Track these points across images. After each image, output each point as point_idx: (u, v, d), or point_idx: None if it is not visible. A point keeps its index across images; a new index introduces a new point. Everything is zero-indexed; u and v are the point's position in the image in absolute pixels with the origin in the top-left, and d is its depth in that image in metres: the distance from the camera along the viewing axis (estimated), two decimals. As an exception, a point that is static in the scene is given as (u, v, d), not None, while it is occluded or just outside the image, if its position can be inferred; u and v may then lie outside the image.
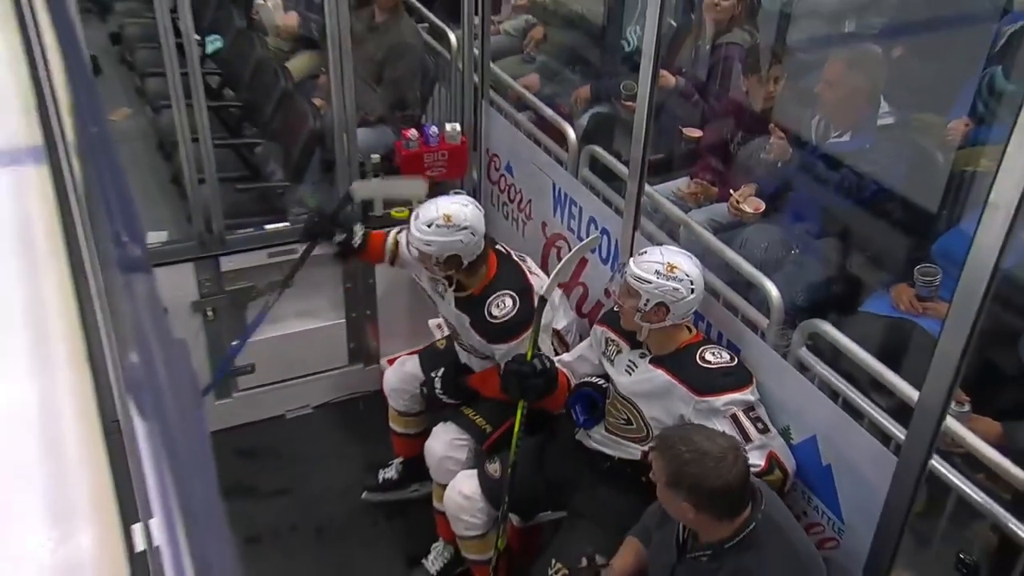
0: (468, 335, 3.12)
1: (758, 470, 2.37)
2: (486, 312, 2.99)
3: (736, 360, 2.57)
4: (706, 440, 2.11)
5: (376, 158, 3.88)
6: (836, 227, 3.16)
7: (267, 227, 3.83)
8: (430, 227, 2.91)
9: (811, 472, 2.51)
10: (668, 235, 3.19)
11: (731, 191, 3.39)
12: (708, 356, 2.56)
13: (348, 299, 4.05)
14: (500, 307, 2.98)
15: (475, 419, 3.20)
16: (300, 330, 4.00)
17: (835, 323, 2.64)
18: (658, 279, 2.53)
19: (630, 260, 2.62)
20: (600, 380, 2.87)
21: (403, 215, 3.91)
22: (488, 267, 3.05)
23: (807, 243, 3.15)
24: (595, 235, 3.25)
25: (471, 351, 3.22)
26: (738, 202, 3.29)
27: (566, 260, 2.78)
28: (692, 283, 2.54)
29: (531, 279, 3.09)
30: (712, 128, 3.74)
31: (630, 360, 2.71)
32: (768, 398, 2.58)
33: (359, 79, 3.80)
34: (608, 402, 2.81)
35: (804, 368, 2.61)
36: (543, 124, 3.89)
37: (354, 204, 3.56)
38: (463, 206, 2.96)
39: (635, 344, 2.70)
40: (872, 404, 2.48)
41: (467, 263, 2.97)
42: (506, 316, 2.96)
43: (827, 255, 3.14)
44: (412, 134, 3.83)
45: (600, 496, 2.79)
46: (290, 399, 4.13)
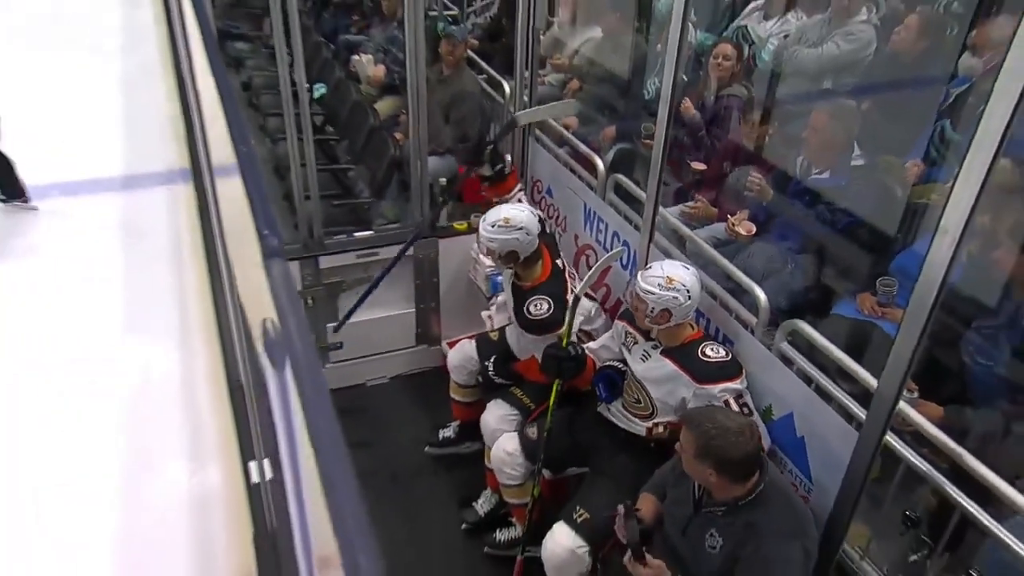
0: (511, 313, 3.14)
1: None
2: (526, 308, 3.00)
3: (730, 355, 2.56)
4: (727, 419, 2.12)
5: (443, 181, 3.91)
6: (813, 246, 3.14)
7: (356, 234, 3.88)
8: (493, 227, 2.95)
9: (788, 442, 2.50)
10: (677, 247, 3.18)
11: (728, 215, 3.37)
12: (708, 351, 2.56)
13: (417, 293, 4.08)
14: (537, 307, 2.99)
15: (522, 398, 3.22)
16: (379, 317, 4.04)
17: (811, 323, 2.63)
18: (660, 291, 2.53)
19: (638, 275, 2.63)
20: (619, 364, 2.88)
21: (463, 227, 3.97)
22: (542, 270, 3.05)
23: (791, 259, 3.13)
24: (620, 248, 3.26)
25: (520, 334, 3.23)
26: (734, 224, 3.28)
27: (596, 267, 2.80)
28: (688, 292, 2.54)
29: (569, 295, 3.05)
30: (713, 162, 3.73)
31: (644, 350, 2.71)
32: (755, 382, 2.58)
33: (431, 119, 3.85)
34: (624, 383, 2.82)
35: (785, 359, 2.60)
36: (578, 156, 3.90)
37: (513, 128, 3.58)
38: (520, 211, 2.99)
39: (648, 337, 2.71)
40: (839, 389, 2.46)
41: (523, 258, 3.00)
42: (540, 316, 2.98)
43: (806, 268, 3.12)
44: (472, 163, 3.86)
45: (616, 457, 2.80)
46: (370, 371, 4.17)
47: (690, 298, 2.54)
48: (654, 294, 2.54)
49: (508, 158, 3.36)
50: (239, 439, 1.53)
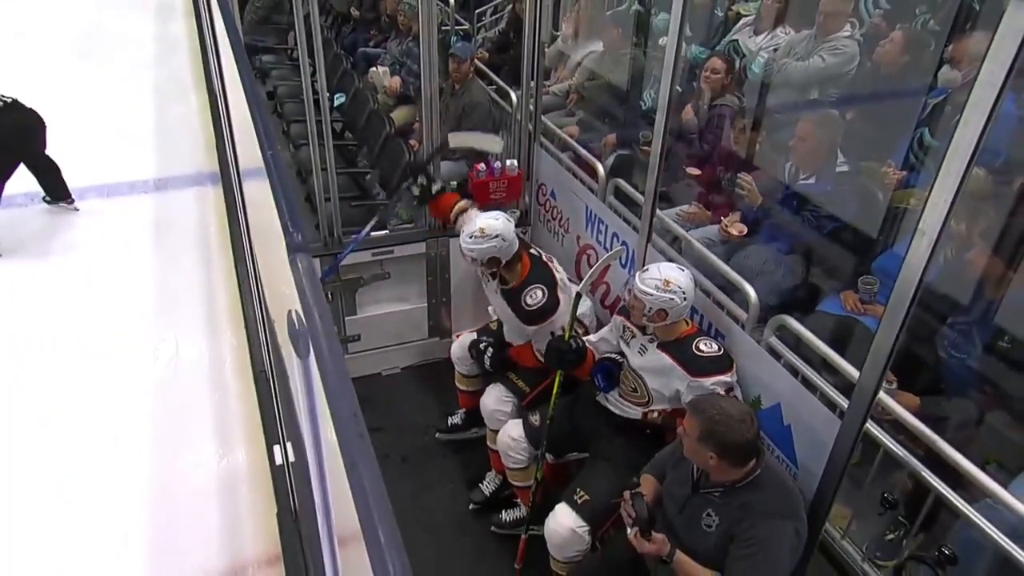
0: (508, 317, 3.14)
1: None
2: (522, 301, 3.00)
3: (723, 350, 2.55)
4: (730, 406, 2.12)
5: (454, 184, 3.91)
6: (801, 247, 3.12)
7: (372, 234, 3.88)
8: (471, 238, 2.95)
9: (775, 430, 2.49)
10: (673, 247, 3.17)
11: (722, 217, 3.36)
12: (702, 346, 2.55)
13: (429, 289, 4.08)
14: (533, 297, 2.99)
15: (517, 382, 3.23)
16: (393, 311, 4.04)
17: (798, 319, 2.62)
18: (657, 292, 2.53)
19: (636, 276, 2.61)
20: (617, 356, 2.88)
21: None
22: (523, 266, 3.05)
23: (780, 259, 3.11)
24: (619, 248, 3.25)
25: (515, 331, 3.24)
26: (727, 226, 3.27)
27: (597, 266, 2.79)
28: (684, 293, 2.53)
29: (556, 274, 3.08)
30: (707, 167, 3.71)
31: (642, 344, 2.71)
32: (745, 374, 2.58)
33: (444, 126, 3.85)
34: (621, 373, 2.82)
35: (773, 352, 2.59)
36: (580, 161, 3.89)
37: (445, 149, 3.58)
38: (494, 220, 2.98)
39: (645, 331, 2.71)
40: (824, 380, 2.46)
41: (505, 262, 3.00)
42: (537, 304, 2.98)
43: (793, 268, 3.10)
44: (481, 167, 3.85)
45: (615, 443, 2.80)
46: (384, 361, 4.17)
47: (685, 299, 2.54)
48: (651, 295, 2.53)
49: (438, 182, 3.40)
50: (264, 424, 1.54)
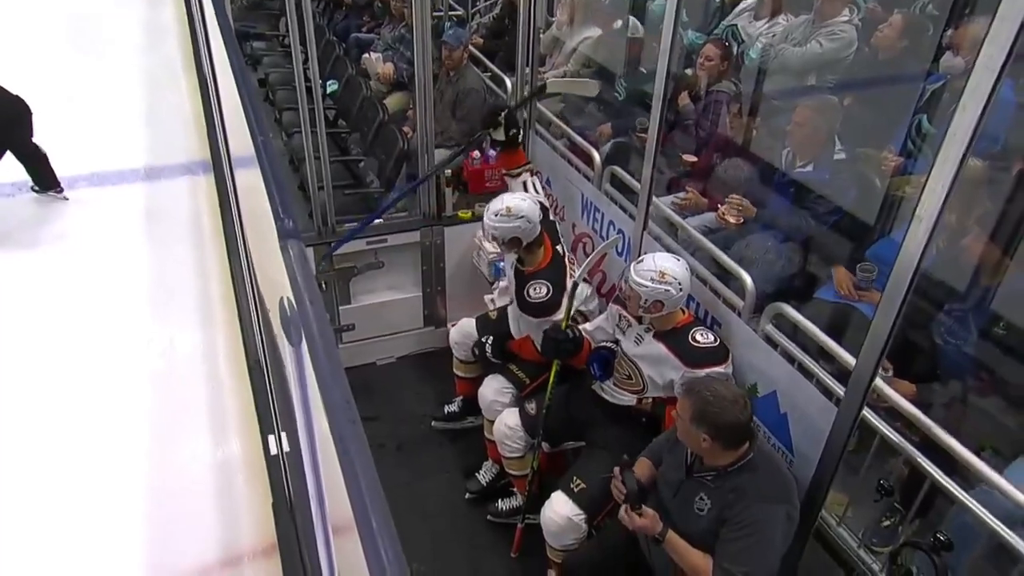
0: (513, 295, 3.14)
1: None
2: (526, 291, 3.01)
3: (719, 341, 2.55)
4: (723, 388, 2.12)
5: (448, 172, 3.90)
6: (798, 235, 3.12)
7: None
8: (496, 216, 2.94)
9: (771, 417, 2.50)
10: (669, 235, 3.17)
11: (719, 204, 3.36)
12: (698, 336, 2.55)
13: (424, 278, 4.08)
14: (537, 291, 2.99)
15: (517, 373, 3.23)
16: (388, 300, 4.05)
17: (794, 307, 2.62)
18: (652, 284, 2.52)
19: (631, 267, 2.60)
20: (612, 344, 2.89)
21: (467, 216, 3.96)
22: (543, 256, 3.05)
23: (780, 248, 3.11)
24: (615, 237, 3.24)
25: (511, 312, 3.23)
26: (723, 214, 3.26)
27: (593, 255, 2.79)
28: (680, 284, 2.53)
29: (568, 280, 3.06)
30: (704, 154, 3.71)
31: (638, 333, 2.71)
32: (741, 362, 2.58)
33: (438, 114, 3.83)
34: (616, 361, 2.83)
35: (770, 340, 2.60)
36: (575, 149, 3.88)
37: (543, 93, 3.55)
38: (522, 200, 2.98)
39: (641, 321, 2.71)
40: (820, 368, 2.46)
41: (525, 244, 3.00)
42: (539, 299, 2.98)
43: (790, 256, 3.10)
44: (476, 155, 3.85)
45: (610, 431, 2.81)
46: (380, 351, 4.17)
47: (681, 290, 2.54)
48: (647, 287, 2.53)
49: (522, 132, 3.31)
50: (258, 414, 1.53)
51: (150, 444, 1.46)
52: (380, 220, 3.91)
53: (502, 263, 3.48)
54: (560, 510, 2.67)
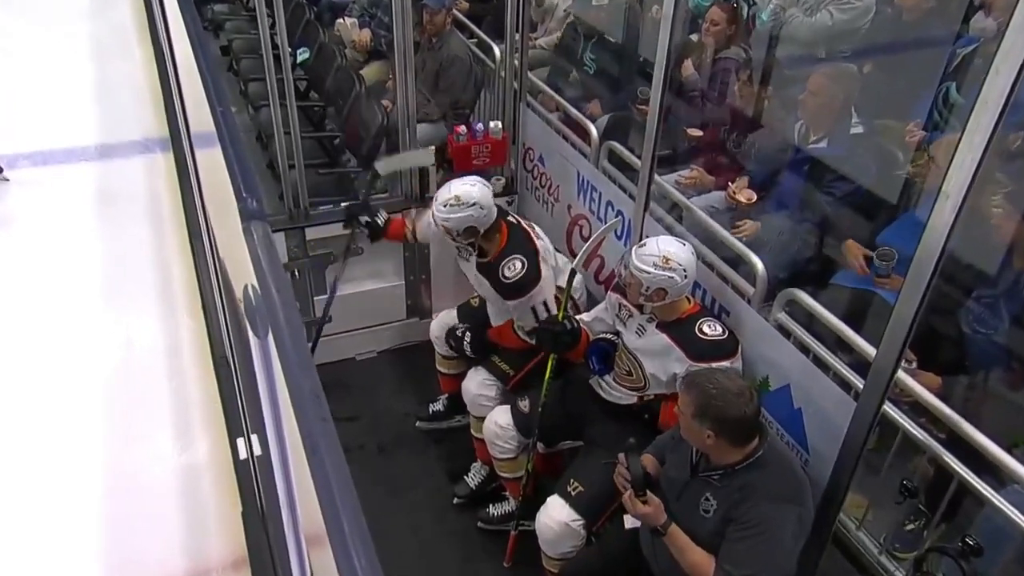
0: (489, 293, 3.14)
1: None
2: (500, 273, 2.99)
3: (727, 333, 2.55)
4: (727, 380, 2.13)
5: (432, 149, 3.88)
6: (813, 215, 3.12)
7: (343, 204, 3.84)
8: (445, 207, 2.93)
9: (784, 413, 2.51)
10: (673, 217, 3.17)
11: (729, 183, 3.35)
12: (705, 328, 2.55)
13: (407, 264, 4.06)
14: (512, 269, 2.97)
15: (500, 364, 3.23)
16: (368, 289, 4.02)
17: (809, 293, 2.63)
18: (655, 270, 2.51)
19: (632, 252, 2.59)
20: (612, 336, 2.88)
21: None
22: (501, 235, 3.04)
23: (796, 230, 3.10)
24: (615, 220, 3.24)
25: (499, 309, 3.23)
26: (734, 192, 3.26)
27: (591, 241, 2.79)
28: (685, 270, 2.52)
29: (537, 243, 3.06)
30: (710, 128, 3.70)
31: (640, 324, 2.70)
32: (752, 353, 2.58)
33: (420, 86, 3.80)
34: (616, 354, 2.83)
35: (783, 329, 2.60)
36: (570, 123, 3.87)
37: (380, 179, 3.57)
38: (471, 186, 2.96)
39: (643, 310, 2.70)
40: (837, 359, 2.47)
41: (483, 231, 2.98)
42: (516, 276, 2.96)
43: (806, 238, 3.11)
44: (462, 130, 3.82)
45: (611, 428, 2.80)
46: (359, 345, 4.15)
47: (686, 276, 2.53)
48: (649, 273, 2.52)
49: (382, 212, 3.46)
50: (226, 414, 1.52)
51: (105, 448, 1.44)
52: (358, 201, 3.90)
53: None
54: (556, 515, 2.68)
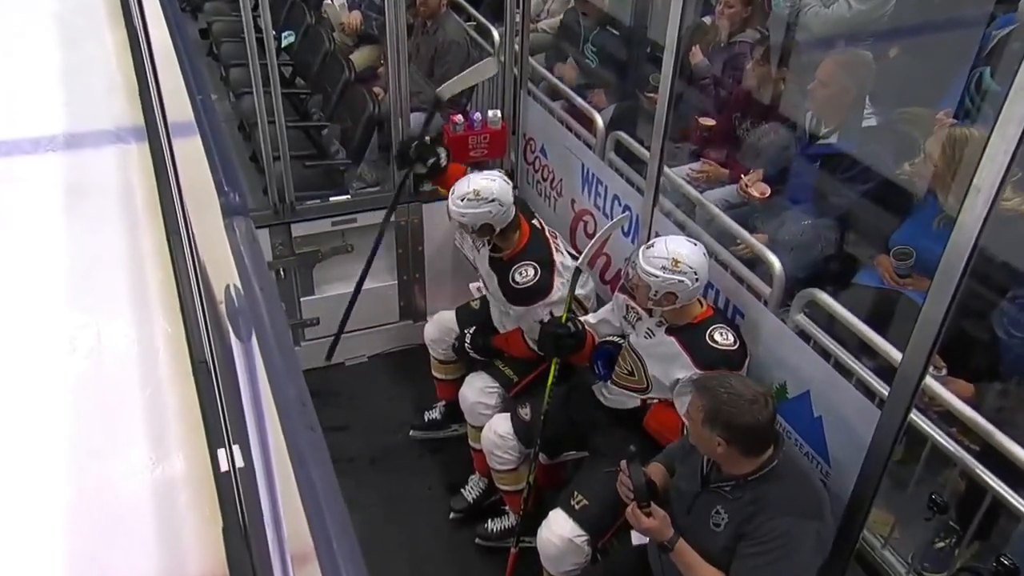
0: (495, 291, 3.14)
1: None
2: (511, 277, 3.00)
3: (738, 344, 2.54)
4: (741, 384, 2.12)
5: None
6: (833, 210, 3.12)
7: (331, 199, 3.85)
8: (463, 201, 2.94)
9: (803, 422, 2.50)
10: (685, 211, 3.16)
11: (742, 175, 3.35)
12: (717, 336, 2.54)
13: (400, 264, 4.06)
14: (523, 275, 2.99)
15: (504, 370, 3.24)
16: (359, 289, 4.03)
17: (830, 294, 2.62)
18: (664, 273, 2.51)
19: (639, 253, 2.59)
20: (619, 339, 2.88)
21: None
22: (520, 236, 3.05)
23: (819, 227, 3.09)
24: (622, 215, 3.23)
25: (503, 311, 3.23)
26: (747, 186, 3.26)
27: (598, 237, 2.79)
28: (696, 273, 2.51)
29: (556, 256, 3.07)
30: (722, 118, 3.69)
31: (649, 328, 2.70)
32: (769, 358, 2.58)
33: (414, 72, 3.80)
34: (619, 353, 2.82)
35: (802, 333, 2.59)
36: (575, 112, 3.86)
37: (442, 108, 3.57)
38: (491, 181, 2.97)
39: (652, 313, 2.69)
40: (860, 365, 2.46)
41: (499, 229, 2.99)
42: (527, 283, 2.98)
43: (826, 234, 3.10)
44: (459, 119, 3.82)
45: (617, 437, 2.80)
46: (349, 349, 4.14)
47: (697, 279, 2.52)
48: (657, 277, 2.51)
49: (442, 150, 3.40)
50: (205, 424, 1.51)
51: (74, 462, 1.43)
52: (348, 196, 3.89)
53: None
54: (559, 531, 2.68)
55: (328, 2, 5.21)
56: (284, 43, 4.93)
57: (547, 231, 3.17)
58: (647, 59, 4.18)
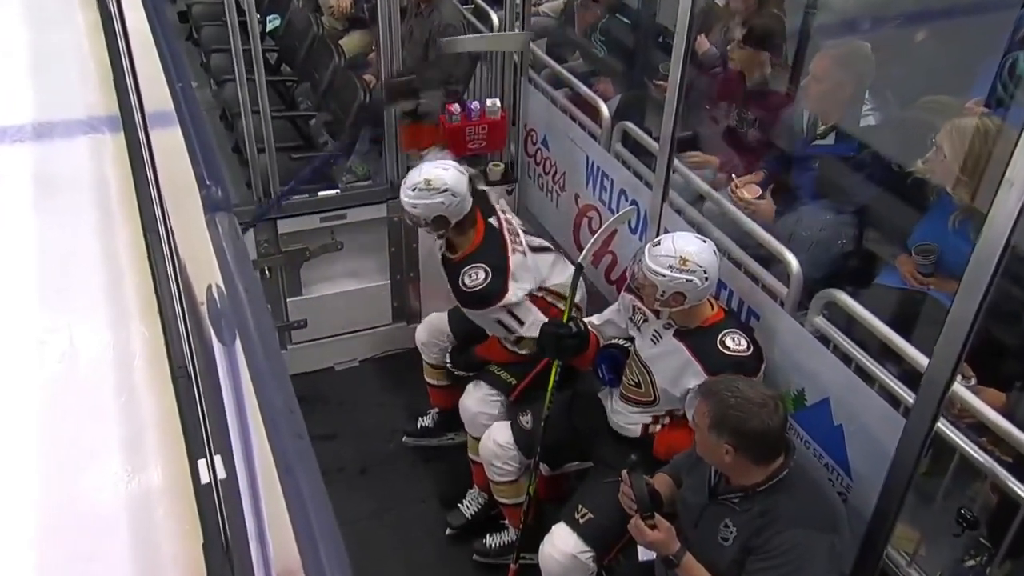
0: (449, 290, 3.17)
1: None
2: (460, 280, 3.03)
3: (752, 349, 2.55)
4: (750, 388, 2.12)
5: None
6: (851, 205, 3.11)
7: (320, 194, 3.84)
8: (414, 191, 2.95)
9: (823, 432, 2.50)
10: (695, 206, 3.15)
11: (733, 175, 3.33)
12: (728, 342, 2.54)
13: (393, 261, 4.06)
14: (472, 278, 3.01)
15: (500, 375, 3.24)
16: (348, 290, 4.03)
17: (851, 294, 2.61)
18: (672, 272, 2.51)
19: (646, 251, 2.58)
20: (624, 342, 2.87)
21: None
22: (475, 235, 3.07)
23: (840, 223, 3.08)
24: (629, 209, 3.23)
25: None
26: (735, 188, 3.25)
27: (600, 232, 2.78)
28: (705, 272, 2.51)
29: (512, 258, 3.06)
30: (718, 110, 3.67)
31: (655, 330, 2.70)
32: (785, 363, 2.58)
33: (407, 58, 3.79)
34: (626, 362, 2.82)
35: (821, 336, 2.59)
36: (579, 101, 3.86)
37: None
38: (444, 170, 2.98)
39: (660, 315, 2.69)
40: (884, 370, 2.45)
41: (454, 223, 3.00)
42: (476, 287, 3.00)
43: (844, 230, 3.09)
44: (455, 109, 3.81)
45: (624, 447, 2.79)
46: (338, 353, 4.17)
47: (707, 279, 2.52)
48: (664, 276, 2.51)
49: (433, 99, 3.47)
50: (185, 432, 1.51)
51: (43, 475, 1.43)
52: (337, 190, 3.89)
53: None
54: (563, 546, 2.68)
55: (316, -17, 5.22)
56: (269, 27, 4.93)
57: (506, 229, 3.16)
58: (656, 46, 4.18)
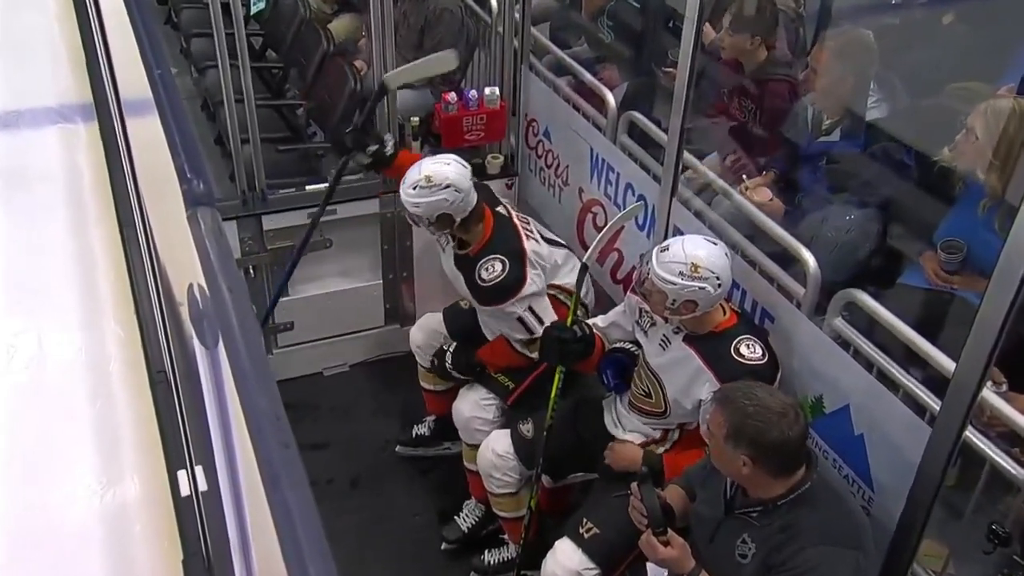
0: (464, 292, 3.16)
1: None
2: (477, 275, 3.02)
3: (767, 357, 2.54)
4: (768, 396, 2.12)
5: (416, 121, 3.87)
6: (874, 199, 3.11)
7: (308, 188, 3.84)
8: (415, 190, 2.96)
9: (843, 441, 2.50)
10: (705, 201, 3.15)
11: (744, 176, 3.32)
12: (743, 349, 2.54)
13: (385, 260, 4.06)
14: (489, 271, 3.01)
15: (498, 377, 3.25)
16: (338, 290, 4.03)
17: (872, 295, 2.61)
18: (682, 280, 2.49)
19: (653, 257, 2.57)
20: (631, 346, 2.87)
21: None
22: (484, 227, 3.07)
23: (866, 221, 3.07)
24: (636, 204, 3.23)
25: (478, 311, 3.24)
26: (745, 189, 3.24)
27: (606, 229, 2.78)
28: (718, 278, 2.50)
29: (526, 243, 3.08)
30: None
31: (664, 335, 2.70)
32: (803, 368, 2.58)
33: (400, 43, 3.79)
34: (635, 370, 2.81)
35: (840, 339, 2.58)
36: (582, 89, 3.85)
37: (389, 95, 3.55)
38: (444, 165, 2.98)
39: (668, 320, 2.68)
40: (907, 376, 2.45)
41: (460, 220, 3.00)
42: (494, 280, 2.99)
43: (866, 227, 3.08)
44: (451, 98, 3.82)
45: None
46: (328, 357, 4.17)
47: (720, 285, 2.51)
48: (675, 284, 2.50)
49: (388, 136, 3.42)
50: (164, 441, 1.50)
51: (14, 486, 1.42)
52: (326, 184, 3.87)
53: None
54: (566, 562, 2.67)
55: (303, -36, 5.21)
56: (253, 10, 4.91)
57: (515, 216, 3.18)
58: (665, 30, 4.17)
